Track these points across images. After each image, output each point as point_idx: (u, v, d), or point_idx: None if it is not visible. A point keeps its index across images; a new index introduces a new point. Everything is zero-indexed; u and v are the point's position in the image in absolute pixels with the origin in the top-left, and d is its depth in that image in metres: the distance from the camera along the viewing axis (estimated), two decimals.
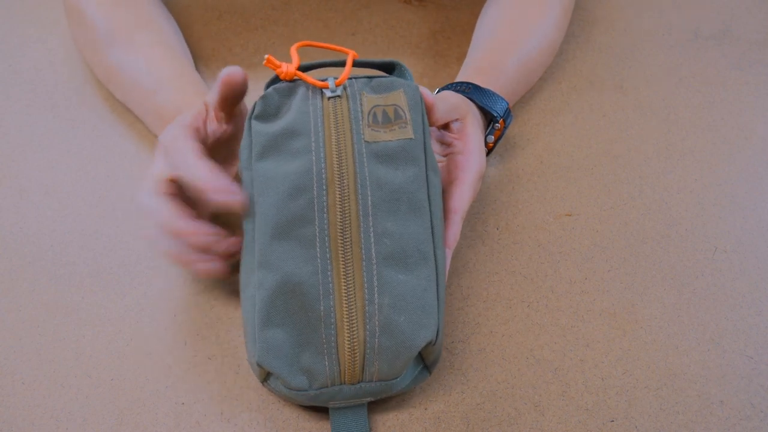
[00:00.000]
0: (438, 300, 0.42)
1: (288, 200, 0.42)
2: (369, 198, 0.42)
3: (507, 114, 0.57)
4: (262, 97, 0.45)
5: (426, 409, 0.45)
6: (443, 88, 0.58)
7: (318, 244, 0.41)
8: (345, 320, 0.40)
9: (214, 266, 0.45)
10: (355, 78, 0.46)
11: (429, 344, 0.41)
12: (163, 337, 0.49)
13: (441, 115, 0.50)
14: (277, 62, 0.45)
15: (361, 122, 0.44)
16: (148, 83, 0.57)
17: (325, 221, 0.41)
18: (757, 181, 0.60)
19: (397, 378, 0.41)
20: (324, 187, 0.42)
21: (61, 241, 0.54)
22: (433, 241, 0.43)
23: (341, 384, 0.41)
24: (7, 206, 0.57)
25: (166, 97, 0.56)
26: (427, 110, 0.47)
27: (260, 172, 0.43)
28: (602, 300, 0.51)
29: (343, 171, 0.42)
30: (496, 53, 0.61)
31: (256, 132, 0.44)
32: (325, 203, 0.41)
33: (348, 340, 0.40)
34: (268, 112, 0.45)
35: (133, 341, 0.49)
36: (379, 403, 0.45)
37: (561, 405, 0.45)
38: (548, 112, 0.66)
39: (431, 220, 0.43)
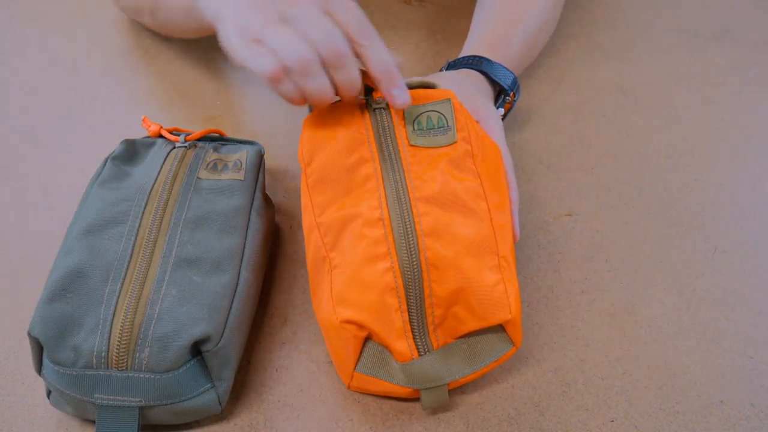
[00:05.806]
0: (230, 310, 0.43)
1: (110, 207, 0.46)
2: (185, 213, 0.47)
3: (516, 87, 0.59)
4: (124, 142, 0.52)
5: (426, 409, 0.45)
6: (453, 63, 0.60)
7: (124, 240, 0.44)
8: (127, 303, 0.41)
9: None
10: (210, 141, 0.53)
11: (207, 341, 0.41)
12: None
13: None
14: (150, 122, 0.54)
15: (199, 165, 0.50)
16: None
17: (137, 224, 0.45)
18: (757, 181, 0.60)
19: (168, 372, 0.40)
20: (145, 198, 0.47)
21: (61, 241, 0.54)
22: (241, 263, 0.46)
23: (108, 368, 0.40)
24: (7, 206, 0.57)
25: None
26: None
27: (96, 194, 0.48)
28: (602, 300, 0.51)
29: (167, 190, 0.47)
30: (502, 27, 0.63)
31: (108, 167, 0.50)
32: (141, 211, 0.46)
33: (122, 321, 0.40)
34: (124, 155, 0.51)
35: None
36: (375, 404, 0.46)
37: (561, 405, 0.45)
38: (548, 112, 0.66)
39: (244, 246, 0.47)
